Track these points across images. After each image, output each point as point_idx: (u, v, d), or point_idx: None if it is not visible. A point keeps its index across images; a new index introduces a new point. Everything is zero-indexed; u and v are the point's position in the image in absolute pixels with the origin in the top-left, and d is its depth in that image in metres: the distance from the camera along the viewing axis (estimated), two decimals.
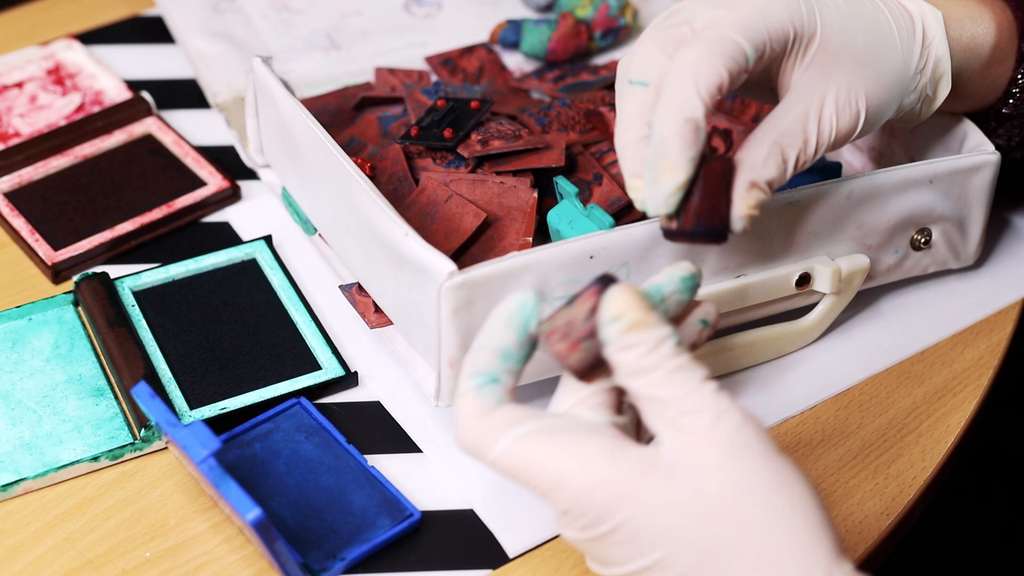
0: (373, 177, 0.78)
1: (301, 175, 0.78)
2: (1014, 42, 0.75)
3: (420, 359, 0.70)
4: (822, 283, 0.73)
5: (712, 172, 0.64)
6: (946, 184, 0.75)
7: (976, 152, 0.75)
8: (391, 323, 0.72)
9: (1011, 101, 0.76)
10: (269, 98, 0.79)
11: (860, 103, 0.67)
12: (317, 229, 0.79)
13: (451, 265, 0.65)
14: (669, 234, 0.65)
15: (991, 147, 0.75)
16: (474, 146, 0.78)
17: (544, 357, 0.68)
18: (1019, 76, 0.75)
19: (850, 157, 0.85)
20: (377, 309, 0.73)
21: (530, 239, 0.74)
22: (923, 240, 0.76)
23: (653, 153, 0.63)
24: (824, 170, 0.79)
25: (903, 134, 0.80)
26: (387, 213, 0.68)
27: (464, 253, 0.74)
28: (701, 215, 0.64)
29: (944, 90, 0.72)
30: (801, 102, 0.67)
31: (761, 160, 0.65)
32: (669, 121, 0.63)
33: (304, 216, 0.80)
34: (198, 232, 0.83)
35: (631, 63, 0.66)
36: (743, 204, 0.64)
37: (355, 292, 0.74)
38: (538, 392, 0.72)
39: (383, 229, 0.68)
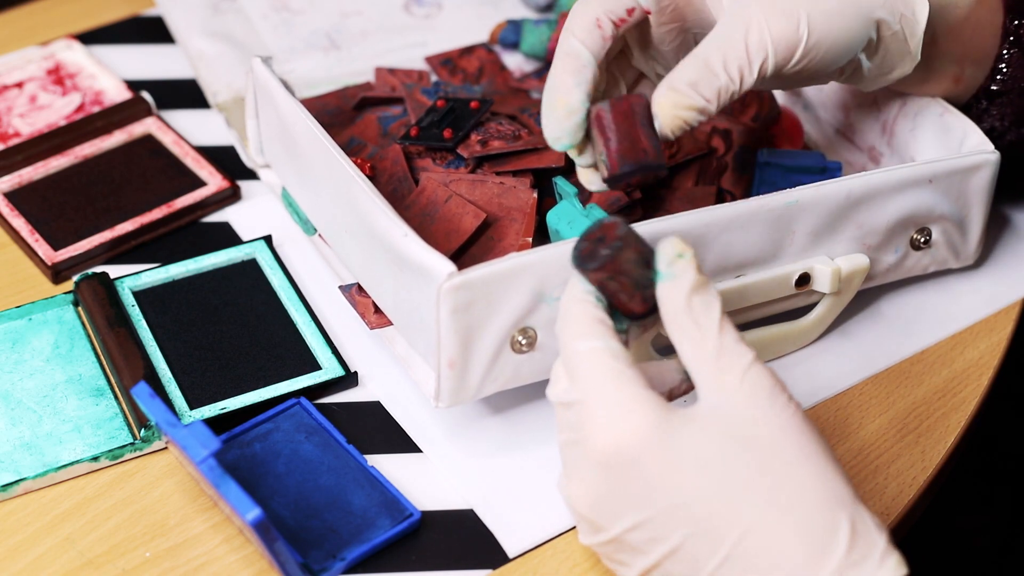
0: (373, 177, 0.78)
1: (301, 175, 0.78)
2: (994, 15, 0.75)
3: (420, 360, 0.70)
4: (822, 283, 0.73)
5: (620, 111, 0.66)
6: (946, 184, 0.75)
7: (976, 152, 0.75)
8: (391, 324, 0.72)
9: (999, 77, 0.76)
10: (269, 98, 0.79)
11: (802, 24, 0.67)
12: (317, 229, 0.79)
13: (451, 266, 0.65)
14: (607, 183, 0.68)
15: (991, 146, 0.75)
16: (474, 146, 0.78)
17: (543, 358, 0.68)
18: (1005, 51, 0.75)
19: (850, 157, 0.85)
20: (377, 310, 0.73)
21: (530, 239, 0.74)
22: (923, 240, 0.76)
23: (546, 90, 0.68)
24: (824, 170, 0.79)
25: (901, 134, 0.80)
26: (386, 214, 0.68)
27: (464, 253, 0.74)
28: (624, 155, 0.66)
29: (919, 19, 0.71)
30: (729, 21, 0.67)
31: (685, 73, 0.66)
32: (556, 57, 0.69)
33: (304, 216, 0.80)
34: (198, 232, 0.83)
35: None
36: (667, 116, 0.66)
37: (355, 293, 0.74)
38: (535, 393, 0.72)
39: (382, 230, 0.68)
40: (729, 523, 0.54)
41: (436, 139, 0.78)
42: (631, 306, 0.60)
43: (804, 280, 0.73)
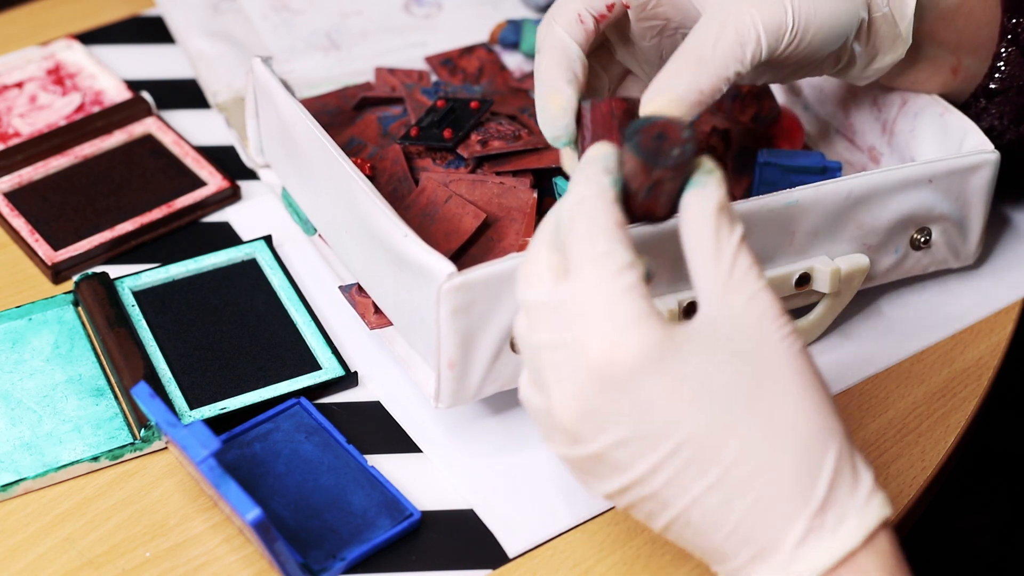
0: (373, 177, 0.78)
1: (301, 175, 0.78)
2: (987, 6, 0.75)
3: (420, 360, 0.70)
4: (821, 283, 0.73)
5: (599, 112, 0.65)
6: (946, 184, 0.75)
7: (975, 152, 0.75)
8: (391, 324, 0.72)
9: (997, 75, 0.76)
10: (269, 98, 0.79)
11: (789, 7, 0.67)
12: (317, 229, 0.79)
13: (450, 267, 0.65)
14: None
15: (990, 146, 0.75)
16: (474, 146, 0.78)
17: None
18: (1003, 50, 0.76)
19: (850, 157, 0.85)
20: (377, 310, 0.73)
21: (530, 239, 0.74)
22: (923, 240, 0.76)
23: (538, 87, 0.69)
24: (824, 170, 0.79)
25: (901, 134, 0.80)
26: (386, 214, 0.68)
27: (464, 254, 0.74)
28: None
29: (907, 11, 0.72)
30: (715, 12, 0.66)
31: (675, 75, 0.65)
32: (542, 51, 0.69)
33: (304, 216, 0.80)
34: (198, 232, 0.83)
35: None
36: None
37: (355, 293, 0.74)
38: None
39: (382, 230, 0.68)
40: (722, 445, 0.53)
41: (436, 139, 0.78)
42: (659, 209, 0.59)
43: (804, 280, 0.73)
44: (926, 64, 0.76)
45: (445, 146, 0.78)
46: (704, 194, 0.57)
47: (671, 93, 0.65)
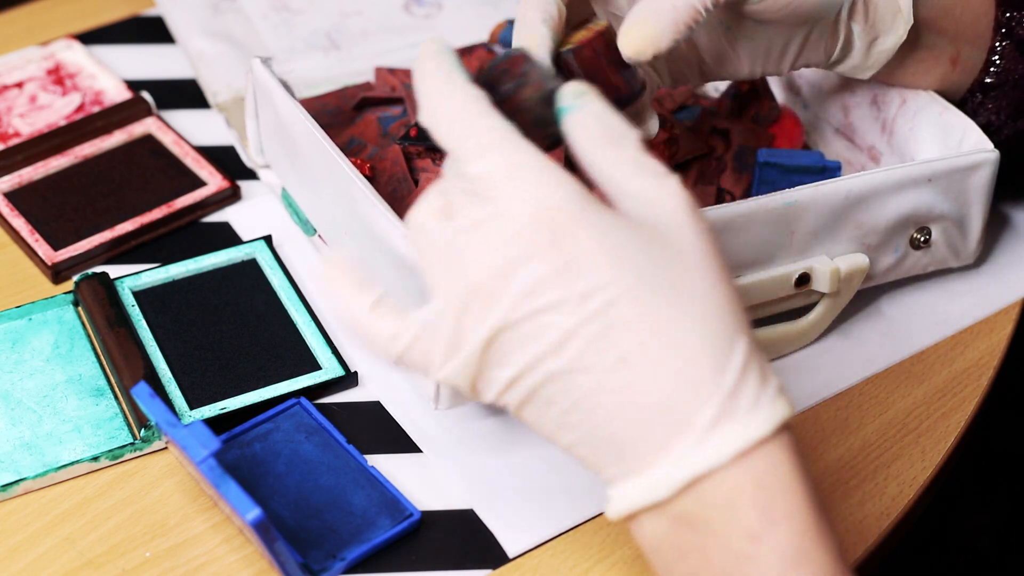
0: (372, 178, 0.78)
1: (301, 176, 0.78)
2: (986, 6, 0.75)
3: None
4: (821, 283, 0.73)
5: (582, 56, 0.64)
6: (945, 183, 0.75)
7: (975, 151, 0.75)
8: None
9: (992, 69, 0.76)
10: (268, 99, 0.79)
11: None
12: (317, 230, 0.79)
13: None
14: None
15: (990, 145, 0.75)
16: None
17: None
18: (998, 44, 0.76)
19: (850, 156, 0.85)
20: None
21: None
22: (923, 239, 0.76)
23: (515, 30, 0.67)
24: (824, 170, 0.79)
25: (901, 133, 0.80)
26: (386, 215, 0.68)
27: None
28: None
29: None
30: None
31: (654, 34, 0.65)
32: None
33: (304, 217, 0.80)
34: (198, 232, 0.83)
35: None
36: (634, 43, 0.64)
37: None
38: None
39: (382, 231, 0.68)
40: (637, 317, 0.51)
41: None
42: (531, 140, 0.57)
43: (803, 280, 0.73)
44: (925, 54, 0.76)
45: None
46: (584, 112, 0.55)
47: (646, 30, 0.64)
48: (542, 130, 0.57)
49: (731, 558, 0.52)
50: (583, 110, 0.55)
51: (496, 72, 0.58)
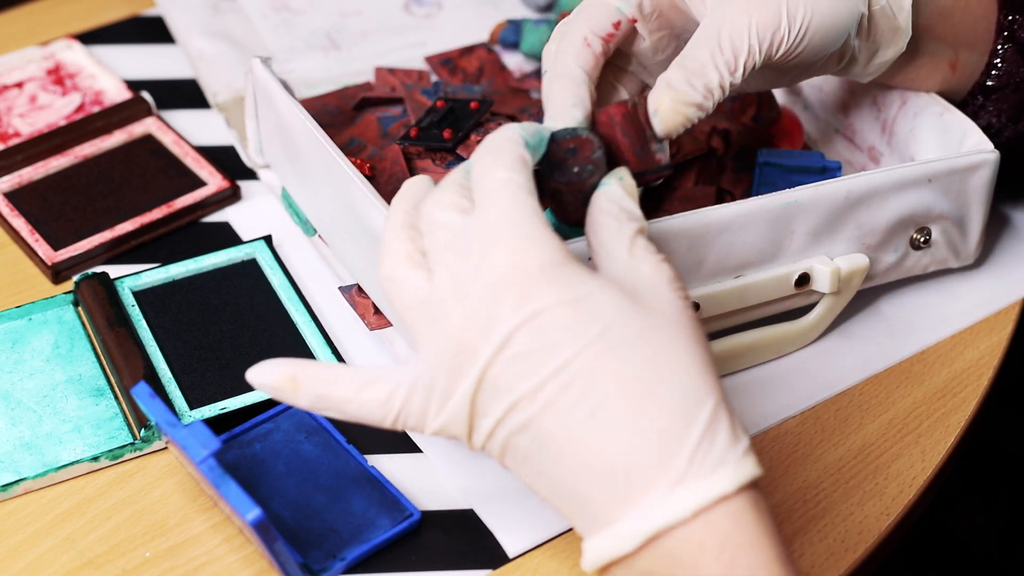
0: (372, 178, 0.78)
1: (301, 176, 0.78)
2: (986, 10, 0.75)
3: None
4: (821, 283, 0.73)
5: (599, 121, 0.66)
6: (945, 183, 0.75)
7: (975, 151, 0.75)
8: (391, 325, 0.72)
9: (994, 72, 0.76)
10: (268, 99, 0.79)
11: (783, 10, 0.67)
12: (317, 230, 0.79)
13: None
14: None
15: (990, 146, 0.75)
16: (473, 147, 0.77)
17: None
18: (999, 47, 0.76)
19: (850, 157, 0.85)
20: (377, 311, 0.73)
21: None
22: (923, 239, 0.76)
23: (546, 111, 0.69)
24: (824, 170, 0.79)
25: (901, 134, 0.80)
26: (385, 215, 0.68)
27: None
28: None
29: (904, 12, 0.72)
30: (712, 17, 0.67)
31: (677, 71, 0.66)
32: (549, 79, 0.69)
33: (304, 217, 0.80)
34: (198, 232, 0.83)
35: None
36: (667, 114, 0.65)
37: (355, 294, 0.74)
38: None
39: (381, 231, 0.68)
40: (605, 372, 0.53)
41: (436, 140, 0.78)
42: (570, 217, 0.62)
43: (804, 280, 0.73)
44: (925, 60, 0.76)
45: (445, 147, 0.78)
46: (610, 191, 0.60)
47: (669, 102, 0.65)
48: (586, 206, 0.61)
49: None
50: (609, 189, 0.60)
51: (563, 150, 0.62)
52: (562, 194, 0.62)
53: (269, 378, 0.58)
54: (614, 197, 0.60)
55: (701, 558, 0.52)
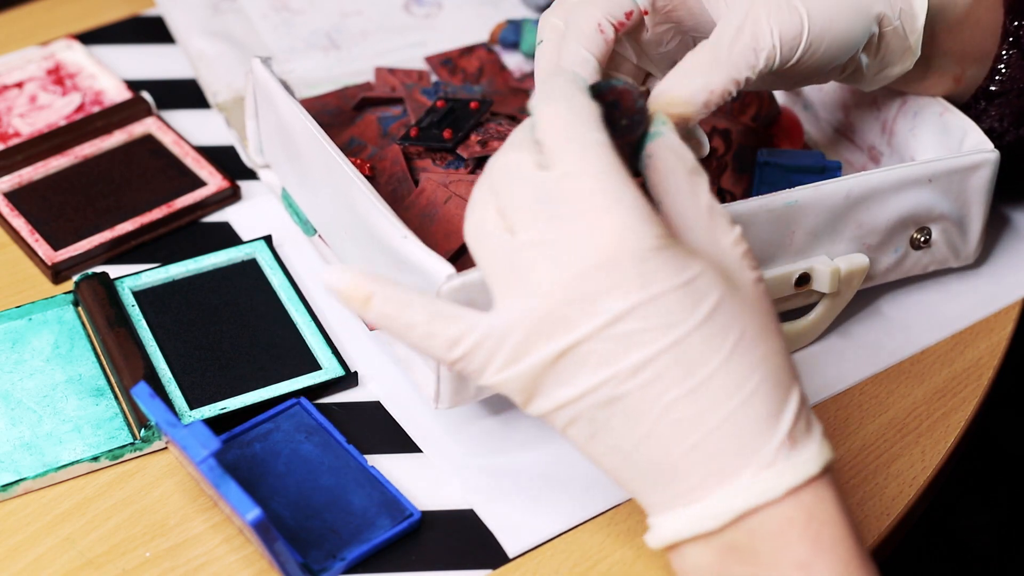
0: (372, 178, 0.78)
1: (301, 176, 0.78)
2: (993, 14, 0.75)
3: (419, 362, 0.70)
4: (821, 283, 0.73)
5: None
6: (945, 183, 0.75)
7: (975, 151, 0.75)
8: None
9: (997, 77, 0.76)
10: (268, 99, 0.79)
11: (804, 20, 0.67)
12: (317, 230, 0.79)
13: (449, 268, 0.65)
14: None
15: (990, 145, 0.75)
16: (473, 147, 0.78)
17: None
18: (1004, 52, 0.76)
19: (850, 156, 0.85)
20: None
21: None
22: (923, 239, 0.76)
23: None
24: (824, 170, 0.79)
25: (901, 133, 0.80)
26: (386, 216, 0.68)
27: (464, 253, 0.74)
28: None
29: (918, 12, 0.72)
30: (733, 18, 0.67)
31: (685, 72, 0.66)
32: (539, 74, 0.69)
33: (304, 217, 0.80)
34: (198, 232, 0.83)
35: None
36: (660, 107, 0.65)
37: None
38: None
39: (382, 232, 0.68)
40: (708, 355, 0.54)
41: (436, 140, 0.78)
42: None
43: (803, 280, 0.73)
44: (931, 73, 0.76)
45: (445, 147, 0.78)
46: (668, 142, 0.58)
47: (681, 90, 0.65)
48: (633, 159, 0.59)
49: None
50: (666, 139, 0.58)
51: (605, 104, 0.59)
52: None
53: (344, 284, 0.57)
54: (673, 147, 0.58)
55: (787, 533, 0.54)
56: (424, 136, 0.79)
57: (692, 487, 0.54)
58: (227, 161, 0.87)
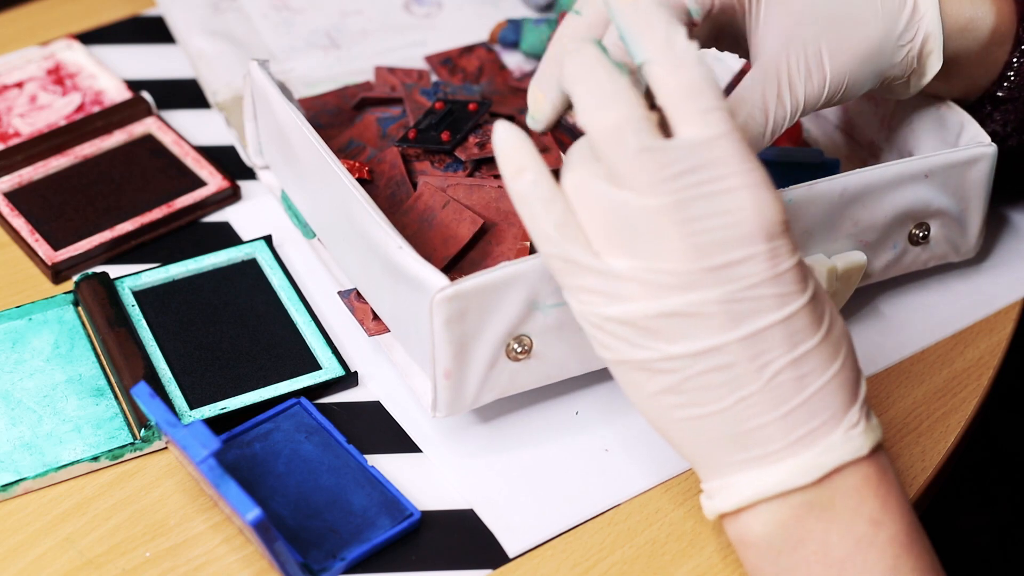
0: (371, 181, 0.78)
1: (299, 180, 0.78)
2: (1013, 26, 0.75)
3: (417, 368, 0.70)
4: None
5: None
6: (943, 178, 0.74)
7: (972, 145, 0.75)
8: (389, 331, 0.72)
9: (1005, 84, 0.76)
10: (265, 103, 0.79)
11: (826, 65, 0.68)
12: (316, 233, 0.79)
13: (443, 279, 0.64)
14: None
15: (987, 139, 0.75)
16: (472, 149, 0.77)
17: (539, 365, 0.68)
18: (1015, 60, 0.75)
19: (849, 152, 0.84)
20: (375, 316, 0.73)
21: (528, 244, 0.74)
22: (921, 235, 0.76)
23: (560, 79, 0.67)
24: (822, 166, 0.79)
25: (900, 128, 0.80)
26: (381, 226, 0.68)
27: (462, 259, 0.74)
28: None
29: (934, 66, 0.72)
30: (759, 72, 0.67)
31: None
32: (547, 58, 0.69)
33: (303, 220, 0.80)
34: (198, 232, 0.83)
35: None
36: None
37: (353, 299, 0.74)
38: (535, 393, 0.72)
39: (378, 240, 0.68)
40: (812, 328, 0.57)
41: (434, 142, 0.78)
42: None
43: None
44: (949, 84, 0.77)
45: (443, 149, 0.78)
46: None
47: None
48: None
49: (852, 542, 0.57)
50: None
51: None
52: None
53: (504, 143, 0.58)
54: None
55: (863, 489, 0.57)
56: (422, 138, 0.78)
57: (777, 449, 0.57)
58: (227, 161, 0.87)
